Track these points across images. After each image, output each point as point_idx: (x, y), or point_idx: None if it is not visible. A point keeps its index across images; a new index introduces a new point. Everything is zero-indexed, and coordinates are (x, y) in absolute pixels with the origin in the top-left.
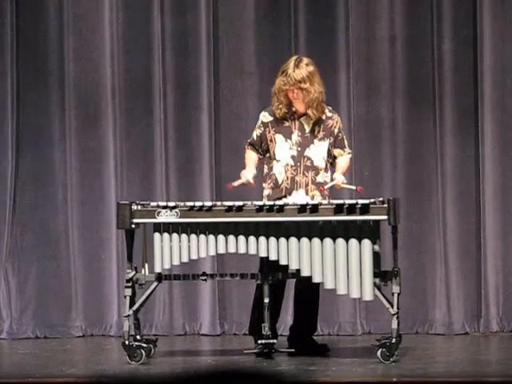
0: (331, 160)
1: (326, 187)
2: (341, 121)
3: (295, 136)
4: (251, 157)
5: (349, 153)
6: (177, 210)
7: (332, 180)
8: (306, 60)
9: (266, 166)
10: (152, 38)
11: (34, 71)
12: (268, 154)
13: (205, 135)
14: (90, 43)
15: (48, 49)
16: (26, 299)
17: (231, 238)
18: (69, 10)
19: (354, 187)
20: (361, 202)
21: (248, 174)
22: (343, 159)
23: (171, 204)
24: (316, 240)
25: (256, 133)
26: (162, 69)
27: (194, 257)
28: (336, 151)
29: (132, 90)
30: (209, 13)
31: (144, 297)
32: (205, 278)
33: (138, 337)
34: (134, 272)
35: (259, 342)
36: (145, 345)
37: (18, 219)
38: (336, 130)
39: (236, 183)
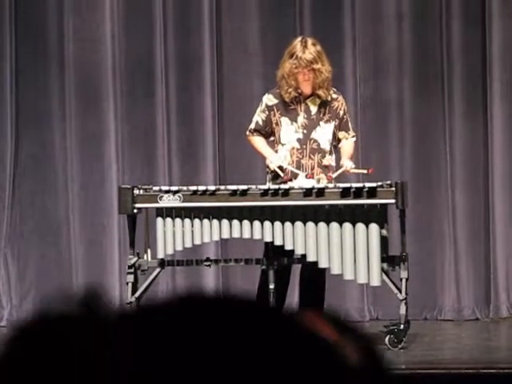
0: (335, 143)
1: (334, 176)
2: (346, 102)
3: (301, 118)
4: (263, 141)
5: (353, 136)
6: (180, 195)
7: (340, 165)
8: (311, 40)
9: None
10: (153, 18)
11: (33, 52)
12: (272, 138)
13: (208, 117)
14: (91, 23)
15: (47, 29)
16: (26, 286)
17: (235, 222)
18: None
19: (365, 171)
20: (368, 185)
21: (280, 160)
22: (348, 143)
23: (174, 188)
24: (322, 224)
25: (260, 117)
26: (164, 49)
27: (197, 242)
28: (341, 134)
29: (133, 70)
30: None
31: (146, 283)
32: (209, 263)
33: None
34: (136, 258)
35: None
36: None
37: (17, 204)
38: (341, 112)
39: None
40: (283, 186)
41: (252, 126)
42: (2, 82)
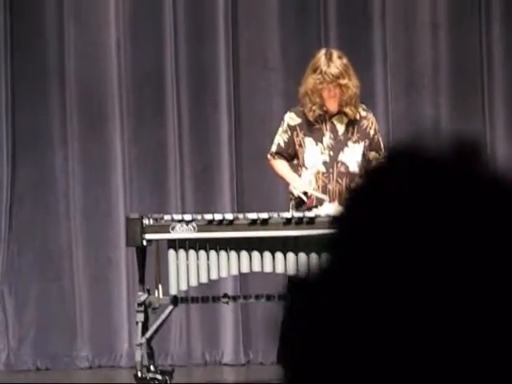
0: (365, 165)
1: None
2: (376, 121)
3: (327, 139)
4: (285, 165)
5: None
6: (194, 224)
7: None
8: (336, 52)
9: None
10: (163, 28)
11: (30, 68)
12: (296, 161)
13: (224, 138)
14: (93, 36)
15: (46, 42)
16: (25, 326)
17: (256, 254)
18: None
19: None
20: None
21: (304, 185)
22: None
23: (187, 217)
24: None
25: (282, 138)
26: (175, 63)
27: (213, 277)
28: (371, 154)
29: (141, 87)
30: None
31: (158, 322)
32: (226, 300)
33: (152, 368)
34: (146, 295)
35: None
36: (160, 377)
37: (14, 235)
38: (372, 132)
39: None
40: (308, 214)
41: (273, 148)
42: None
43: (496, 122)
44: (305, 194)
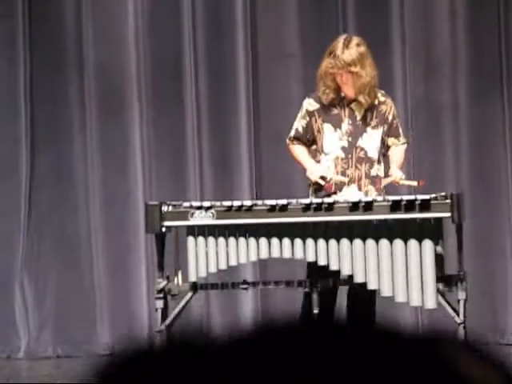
0: (384, 150)
1: (382, 184)
2: (395, 106)
3: (345, 125)
4: (304, 151)
5: (403, 142)
6: (213, 211)
7: (388, 175)
8: (356, 40)
9: None
10: (181, 17)
11: (48, 56)
12: (314, 147)
13: (243, 125)
14: (112, 22)
15: (64, 30)
16: (45, 314)
17: (274, 241)
18: None
19: (415, 183)
20: (420, 197)
21: (322, 170)
22: (398, 151)
23: (206, 204)
24: (370, 242)
25: (301, 124)
26: (193, 50)
27: (233, 263)
28: (390, 140)
29: (160, 74)
30: None
31: (177, 309)
32: (246, 286)
33: None
34: (165, 281)
35: None
36: None
37: (34, 223)
38: (390, 117)
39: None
40: (327, 200)
41: (292, 133)
42: (16, 89)
43: None
44: (322, 178)
